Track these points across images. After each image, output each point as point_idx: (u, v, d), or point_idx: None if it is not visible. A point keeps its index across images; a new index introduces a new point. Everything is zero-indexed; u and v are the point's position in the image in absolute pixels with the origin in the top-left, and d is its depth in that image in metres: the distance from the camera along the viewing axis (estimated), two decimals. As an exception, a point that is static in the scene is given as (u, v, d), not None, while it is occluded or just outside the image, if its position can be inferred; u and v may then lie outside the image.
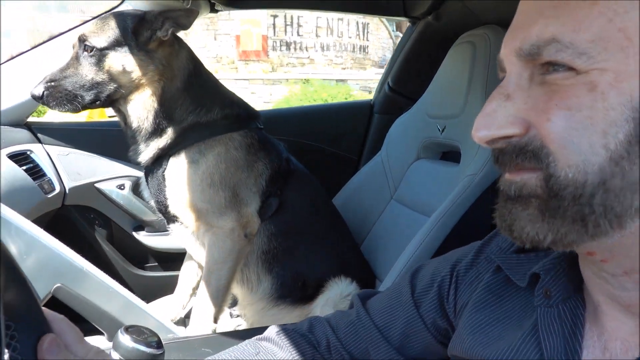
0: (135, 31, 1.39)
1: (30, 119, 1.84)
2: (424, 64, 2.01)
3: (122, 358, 0.57)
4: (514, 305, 0.61)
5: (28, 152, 1.75)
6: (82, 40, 1.40)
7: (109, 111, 1.96)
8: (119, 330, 0.59)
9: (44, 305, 0.56)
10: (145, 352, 0.57)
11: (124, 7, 1.73)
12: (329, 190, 1.78)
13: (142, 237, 2.02)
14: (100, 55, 1.39)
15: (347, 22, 14.40)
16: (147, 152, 1.49)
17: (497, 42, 1.45)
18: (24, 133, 1.79)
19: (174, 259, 1.99)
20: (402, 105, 2.10)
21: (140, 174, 2.01)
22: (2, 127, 1.67)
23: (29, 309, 0.50)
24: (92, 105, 1.43)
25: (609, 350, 0.50)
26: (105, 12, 1.46)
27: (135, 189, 1.99)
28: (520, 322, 0.58)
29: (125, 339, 0.57)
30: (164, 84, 1.44)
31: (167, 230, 2.01)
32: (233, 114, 1.52)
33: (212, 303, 1.45)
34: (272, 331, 0.78)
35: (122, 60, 1.39)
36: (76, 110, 1.42)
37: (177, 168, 1.46)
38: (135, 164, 1.60)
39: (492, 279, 0.64)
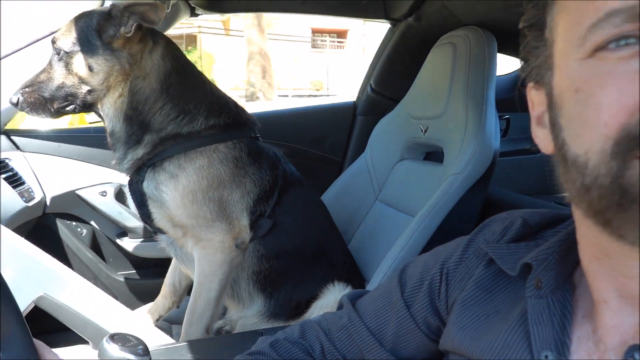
0: (99, 29, 1.31)
1: (9, 126, 1.81)
2: (406, 65, 2.02)
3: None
4: (504, 298, 0.60)
5: (7, 161, 1.72)
6: (53, 43, 1.35)
7: (90, 117, 1.94)
8: (104, 339, 0.58)
9: (26, 316, 0.56)
10: (132, 360, 0.57)
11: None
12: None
13: (126, 243, 1.99)
14: (67, 57, 1.32)
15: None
16: (126, 161, 1.41)
17: (477, 42, 1.47)
18: (2, 140, 1.76)
19: (158, 266, 1.97)
20: (384, 106, 2.11)
21: (122, 180, 2.00)
22: None
23: (17, 337, 0.50)
24: (67, 111, 1.36)
25: (604, 343, 0.49)
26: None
27: (118, 195, 1.97)
28: (507, 314, 0.58)
29: (111, 348, 0.57)
30: (132, 85, 1.34)
31: (151, 237, 2.00)
32: (220, 124, 1.40)
33: (204, 315, 1.40)
34: (263, 343, 0.77)
35: (88, 61, 1.31)
36: (51, 115, 1.36)
37: (156, 181, 1.37)
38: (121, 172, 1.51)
39: (482, 273, 0.64)
